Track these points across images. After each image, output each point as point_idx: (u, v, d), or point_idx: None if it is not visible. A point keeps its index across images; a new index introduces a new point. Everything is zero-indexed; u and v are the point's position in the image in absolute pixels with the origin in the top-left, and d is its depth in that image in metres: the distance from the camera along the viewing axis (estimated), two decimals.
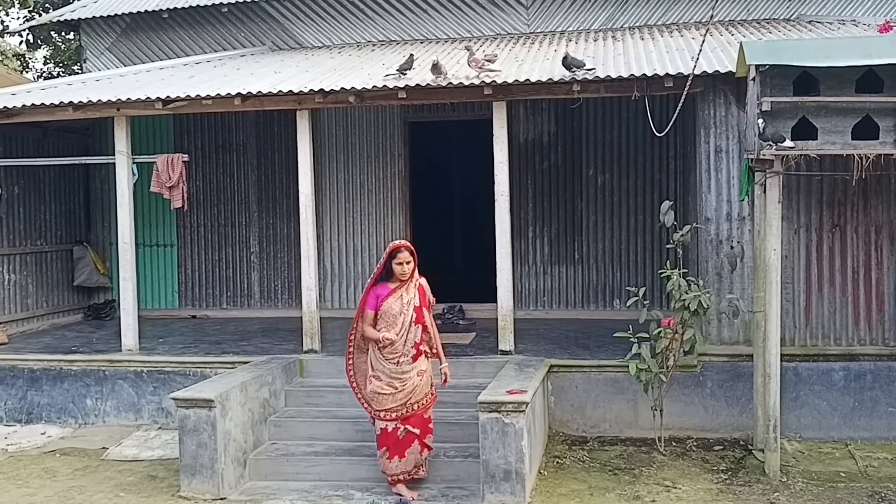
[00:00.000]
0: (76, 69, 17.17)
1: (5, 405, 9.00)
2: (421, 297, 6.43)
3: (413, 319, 6.33)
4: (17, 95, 9.52)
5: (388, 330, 6.27)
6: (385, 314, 6.29)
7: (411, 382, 6.32)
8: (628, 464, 7.26)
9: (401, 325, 6.29)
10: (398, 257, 6.29)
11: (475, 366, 8.21)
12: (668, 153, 10.77)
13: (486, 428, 6.44)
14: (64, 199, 11.67)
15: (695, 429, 7.88)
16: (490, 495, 6.41)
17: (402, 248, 6.33)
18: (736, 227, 7.96)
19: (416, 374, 6.35)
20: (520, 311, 10.09)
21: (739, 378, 7.83)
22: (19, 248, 10.73)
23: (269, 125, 11.63)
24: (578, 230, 11.12)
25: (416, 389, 6.35)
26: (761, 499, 6.46)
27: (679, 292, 7.19)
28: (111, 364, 8.84)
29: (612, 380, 7.97)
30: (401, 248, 6.33)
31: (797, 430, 7.78)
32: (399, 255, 6.29)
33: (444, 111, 11.10)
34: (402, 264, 6.29)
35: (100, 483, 7.16)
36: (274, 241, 11.86)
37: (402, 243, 6.40)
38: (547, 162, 11.19)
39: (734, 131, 7.98)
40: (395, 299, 6.31)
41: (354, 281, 11.62)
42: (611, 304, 10.99)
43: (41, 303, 11.16)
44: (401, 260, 6.29)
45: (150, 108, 8.72)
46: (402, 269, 6.29)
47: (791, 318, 7.88)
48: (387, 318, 6.30)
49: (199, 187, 11.80)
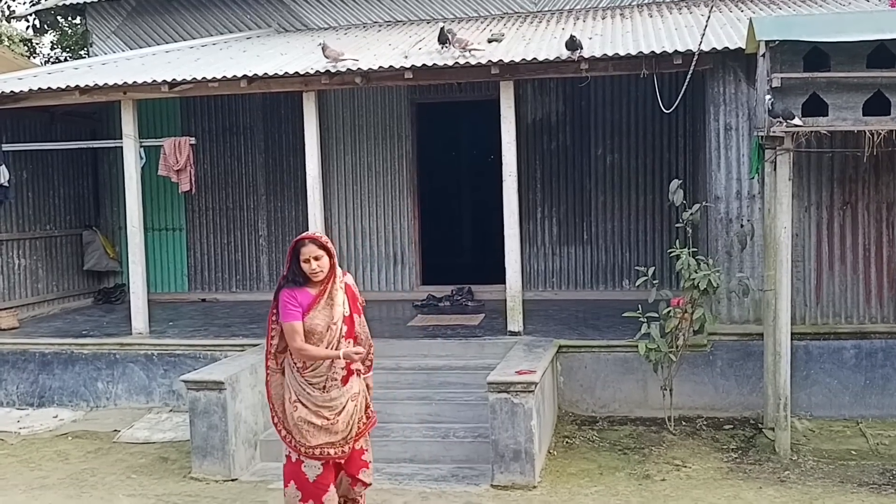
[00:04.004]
0: (83, 54, 17.15)
1: (17, 389, 9.06)
2: (351, 303, 4.89)
3: (343, 334, 4.79)
4: (23, 80, 9.51)
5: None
6: (309, 330, 4.71)
7: (346, 413, 4.79)
8: (638, 443, 7.25)
9: (326, 343, 4.73)
10: (303, 252, 4.70)
11: (484, 347, 8.20)
12: (677, 132, 10.70)
13: (496, 408, 6.45)
14: (72, 184, 11.69)
15: (705, 408, 7.87)
16: (500, 475, 6.42)
17: (305, 241, 4.75)
18: (746, 205, 7.90)
19: (350, 399, 4.82)
20: (528, 293, 10.06)
21: (750, 357, 7.81)
22: (29, 233, 10.76)
23: (276, 107, 11.60)
24: (587, 210, 11.07)
25: (352, 419, 4.83)
26: (772, 477, 6.45)
27: (689, 271, 7.15)
28: (122, 347, 8.88)
29: (622, 360, 7.96)
30: (304, 241, 4.75)
31: (808, 409, 7.75)
32: (303, 250, 4.70)
33: (451, 92, 11.02)
34: (310, 261, 4.68)
35: (112, 465, 7.21)
36: (282, 224, 11.85)
37: (308, 234, 4.89)
38: (555, 142, 11.13)
39: (744, 108, 7.90)
40: (320, 311, 4.73)
41: (363, 263, 11.62)
42: (620, 284, 10.96)
43: (51, 287, 11.20)
44: (307, 255, 4.69)
45: (157, 91, 8.71)
46: (311, 266, 4.69)
47: (802, 296, 7.83)
48: (311, 336, 4.72)
49: (207, 170, 11.79)
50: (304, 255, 4.69)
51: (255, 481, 6.75)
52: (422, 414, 7.43)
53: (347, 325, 4.81)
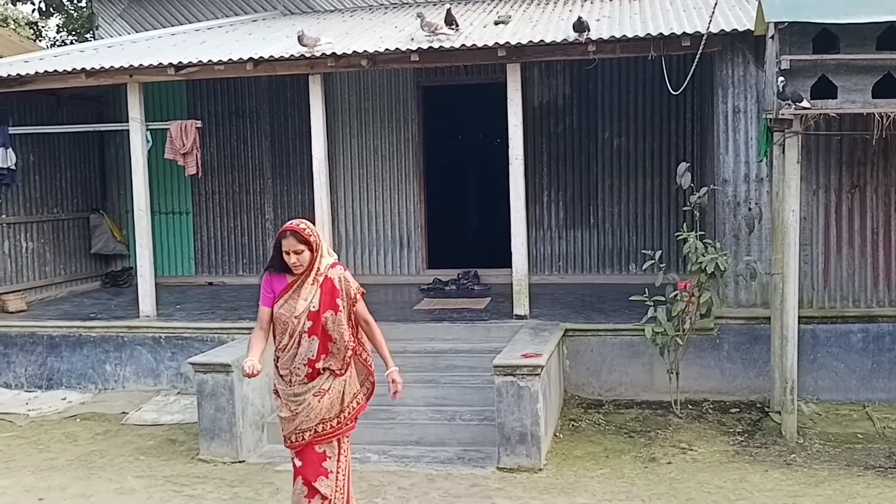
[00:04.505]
0: (88, 37, 17.11)
1: (26, 371, 9.11)
2: (325, 299, 4.51)
3: (305, 329, 4.48)
4: (30, 63, 9.50)
5: (280, 339, 4.57)
6: (276, 318, 4.56)
7: (305, 404, 4.51)
8: (644, 426, 7.27)
9: (289, 335, 4.51)
10: (283, 244, 4.48)
11: (490, 330, 8.21)
12: (684, 115, 10.64)
13: (502, 391, 6.46)
14: (79, 167, 11.69)
15: (711, 392, 7.87)
16: (506, 457, 6.44)
17: (287, 233, 4.47)
18: (754, 188, 7.87)
19: (314, 394, 4.51)
20: (535, 276, 10.06)
21: (756, 341, 7.80)
22: (36, 216, 10.79)
23: (282, 91, 11.57)
24: (594, 194, 11.04)
25: (310, 413, 4.51)
26: (777, 460, 6.46)
27: (696, 255, 7.14)
28: (130, 330, 8.91)
29: (628, 343, 7.96)
30: (285, 234, 4.48)
31: (814, 393, 7.75)
32: (284, 242, 4.47)
33: (457, 75, 11.00)
34: (290, 254, 4.46)
35: (120, 447, 7.26)
36: (288, 208, 11.84)
37: (291, 225, 4.52)
38: (562, 125, 11.08)
39: (752, 91, 7.86)
40: (286, 301, 4.52)
41: (369, 247, 11.63)
42: (626, 268, 10.94)
43: (59, 270, 11.24)
44: (287, 248, 4.46)
45: (163, 74, 8.69)
46: (292, 259, 4.47)
47: (809, 279, 7.81)
48: (278, 325, 4.57)
49: (213, 154, 11.78)
50: (284, 248, 4.48)
51: (262, 463, 6.78)
52: (428, 397, 7.44)
53: (312, 321, 4.48)
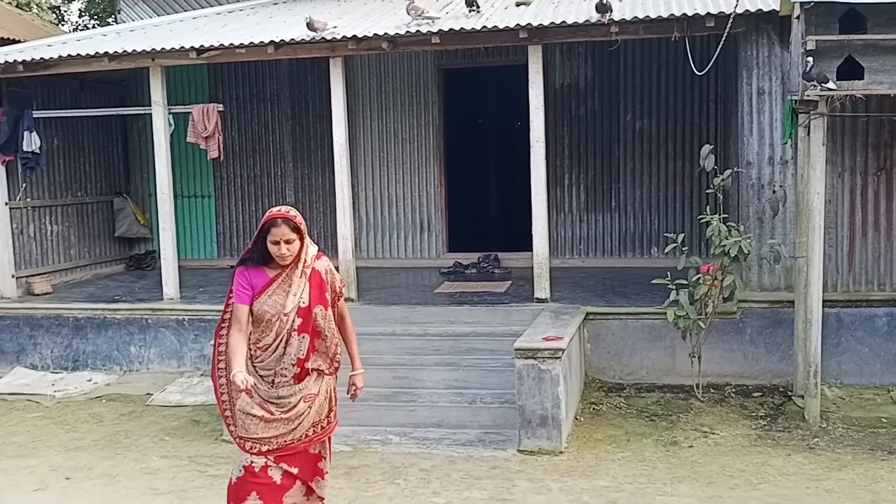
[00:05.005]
0: (110, 21, 17.20)
1: (52, 353, 9.23)
2: (314, 293, 4.21)
3: (295, 327, 4.15)
4: (53, 47, 9.57)
5: (262, 337, 4.17)
6: (258, 316, 4.14)
7: (295, 411, 4.17)
8: (665, 410, 7.25)
9: (275, 334, 4.14)
10: (273, 233, 4.07)
11: (511, 313, 8.21)
12: (708, 97, 10.53)
13: (523, 374, 6.46)
14: (103, 151, 11.78)
15: (733, 375, 7.83)
16: (527, 440, 6.46)
17: (277, 221, 4.09)
18: (778, 170, 7.79)
19: (303, 399, 4.18)
20: (555, 260, 10.03)
21: (780, 324, 7.74)
22: (60, 200, 10.89)
23: (303, 74, 11.57)
24: (615, 177, 10.97)
25: (302, 420, 4.19)
26: (800, 444, 6.43)
27: (719, 238, 7.09)
28: (153, 313, 9.00)
29: (650, 327, 7.93)
30: (276, 221, 4.09)
31: (838, 377, 7.69)
32: (273, 231, 4.07)
33: (478, 57, 10.91)
34: (280, 244, 4.08)
35: (145, 428, 7.35)
36: (309, 192, 11.88)
37: (279, 212, 4.13)
38: (583, 108, 11.01)
39: (777, 72, 7.76)
40: (270, 296, 4.14)
41: (389, 231, 11.65)
42: (648, 251, 10.88)
43: (83, 253, 11.35)
44: (276, 237, 4.07)
45: (185, 57, 8.72)
46: (280, 250, 4.09)
47: (834, 263, 7.74)
48: (260, 323, 4.15)
49: (235, 138, 11.82)
50: (273, 236, 4.08)
51: None
52: (449, 380, 7.47)
53: (303, 317, 4.14)
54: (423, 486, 5.81)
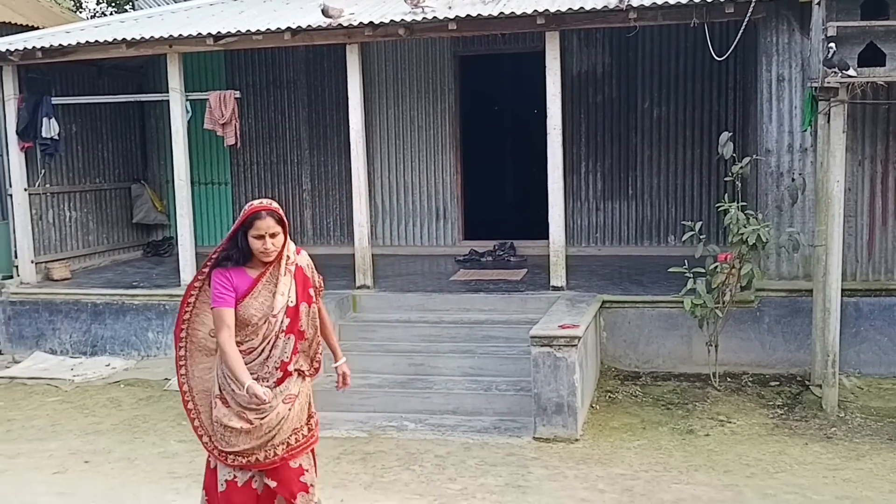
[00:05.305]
0: (127, 8, 17.25)
1: (70, 338, 9.32)
2: (300, 290, 3.98)
3: (284, 328, 3.91)
4: (71, 33, 9.61)
5: (244, 341, 3.87)
6: (243, 320, 3.85)
7: (275, 414, 3.87)
8: (682, 399, 7.23)
9: (262, 337, 3.87)
10: (257, 226, 3.80)
11: (526, 301, 8.20)
12: (726, 84, 10.44)
13: (539, 362, 6.46)
14: (120, 138, 11.84)
15: (750, 364, 7.79)
16: (542, 427, 6.46)
17: (262, 213, 3.82)
18: (798, 158, 7.72)
19: (284, 400, 3.92)
20: (571, 248, 10.00)
21: (798, 313, 7.69)
22: (79, 186, 10.96)
23: (320, 61, 11.57)
24: (632, 165, 10.91)
25: (282, 424, 3.90)
26: (818, 434, 6.40)
27: (737, 226, 7.04)
28: (171, 299, 9.05)
29: (666, 315, 7.90)
30: (260, 213, 3.82)
31: (856, 366, 7.63)
32: (258, 224, 3.81)
33: (495, 44, 10.88)
34: (265, 238, 3.82)
35: (163, 412, 7.40)
36: (325, 179, 11.90)
37: (263, 204, 3.88)
38: (601, 95, 10.94)
39: (797, 59, 7.68)
40: (257, 298, 3.86)
41: (405, 218, 11.65)
42: (665, 240, 10.83)
43: (102, 239, 11.43)
44: (261, 230, 3.81)
45: (202, 44, 8.74)
46: (265, 245, 3.82)
47: (853, 252, 7.67)
48: (244, 327, 3.86)
49: (251, 125, 11.84)
50: (258, 230, 3.80)
51: None
52: (464, 367, 7.48)
53: (290, 317, 3.92)
54: (439, 473, 5.83)
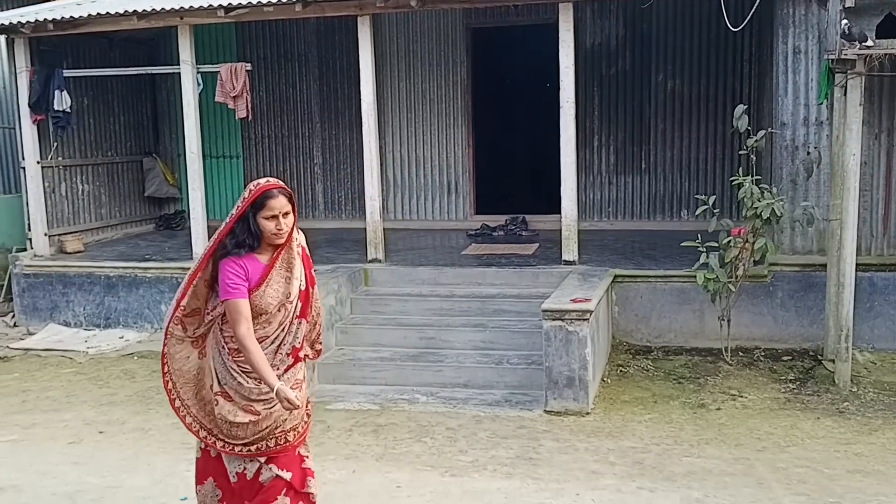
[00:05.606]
0: None
1: (84, 310, 9.38)
2: (308, 273, 3.77)
3: (297, 314, 3.71)
4: (82, 5, 9.55)
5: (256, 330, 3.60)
6: (258, 310, 3.59)
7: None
8: (693, 373, 7.22)
9: (277, 324, 3.65)
10: (270, 206, 3.53)
11: (538, 276, 8.19)
12: (741, 56, 10.32)
13: (550, 335, 6.46)
14: (132, 111, 11.83)
15: (763, 339, 7.77)
16: (553, 401, 6.47)
17: (273, 192, 3.55)
18: (813, 131, 7.64)
19: (292, 386, 3.68)
20: (584, 223, 9.96)
21: (811, 288, 7.65)
22: (91, 159, 10.97)
23: (331, 33, 11.50)
24: (646, 138, 10.83)
25: (291, 413, 3.69)
26: (830, 408, 6.38)
27: (751, 200, 6.98)
28: (184, 272, 8.90)
29: (678, 290, 7.87)
30: (272, 192, 3.55)
31: (870, 341, 7.59)
32: (270, 203, 3.53)
33: (507, 16, 10.79)
34: (278, 218, 3.55)
35: None
36: (337, 152, 11.87)
37: (271, 183, 3.60)
38: (614, 68, 10.85)
39: (814, 31, 7.58)
40: (272, 285, 3.60)
41: (416, 192, 11.62)
42: (678, 214, 10.77)
43: (114, 213, 11.46)
44: (274, 210, 3.53)
45: (213, 16, 8.68)
46: (280, 225, 3.55)
47: (868, 226, 7.60)
48: (258, 317, 3.60)
49: (262, 98, 11.81)
50: (271, 210, 3.52)
51: (313, 402, 6.88)
52: (475, 341, 7.49)
53: (303, 301, 3.71)
54: (450, 445, 5.86)
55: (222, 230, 3.62)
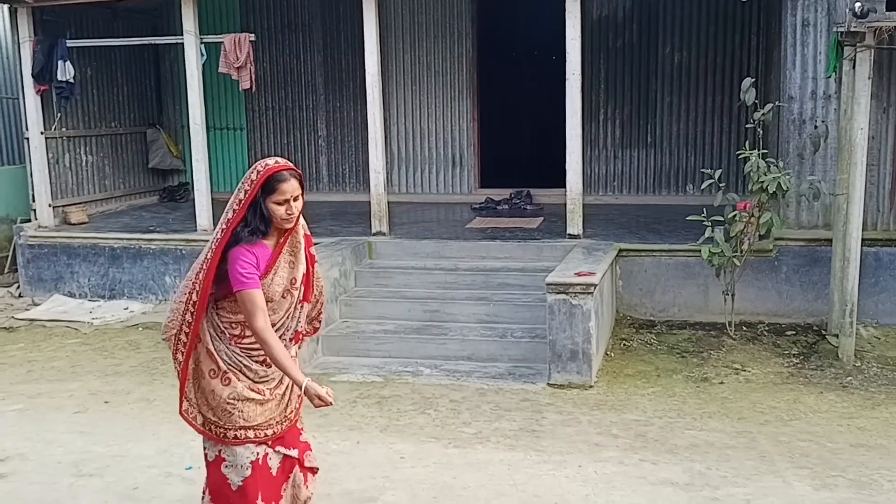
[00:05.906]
0: None
1: (89, 281, 9.40)
2: (309, 258, 3.65)
3: (301, 298, 3.62)
4: None
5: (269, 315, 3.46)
6: (268, 295, 3.45)
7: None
8: (697, 347, 7.23)
9: (284, 313, 3.55)
10: (282, 190, 3.35)
11: (542, 249, 8.17)
12: (749, 29, 10.22)
13: (554, 309, 6.46)
14: (135, 82, 11.77)
15: (767, 314, 7.76)
16: (557, 374, 6.49)
17: (284, 174, 3.37)
18: (821, 105, 7.57)
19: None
20: (589, 197, 9.91)
21: (816, 263, 7.63)
22: (95, 130, 10.94)
23: (335, 4, 11.40)
24: (652, 112, 10.76)
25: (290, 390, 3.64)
26: (833, 383, 6.39)
27: (757, 174, 6.95)
28: (188, 244, 9.09)
29: (683, 264, 7.85)
30: (282, 174, 3.36)
31: (874, 316, 7.58)
32: (282, 187, 3.35)
33: None
34: (289, 202, 3.38)
35: None
36: (341, 125, 11.82)
37: (280, 164, 3.39)
38: (621, 40, 10.75)
39: (823, 3, 7.47)
40: (277, 273, 3.46)
41: (421, 165, 11.58)
42: (683, 188, 10.73)
43: (118, 184, 11.45)
44: (286, 194, 3.36)
45: None
46: (291, 209, 3.39)
47: (875, 201, 7.56)
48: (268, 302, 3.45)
49: (266, 69, 11.73)
50: (283, 194, 3.34)
51: (317, 374, 6.92)
52: (479, 314, 7.49)
53: (305, 285, 3.61)
54: (454, 417, 5.88)
55: (233, 218, 3.37)
